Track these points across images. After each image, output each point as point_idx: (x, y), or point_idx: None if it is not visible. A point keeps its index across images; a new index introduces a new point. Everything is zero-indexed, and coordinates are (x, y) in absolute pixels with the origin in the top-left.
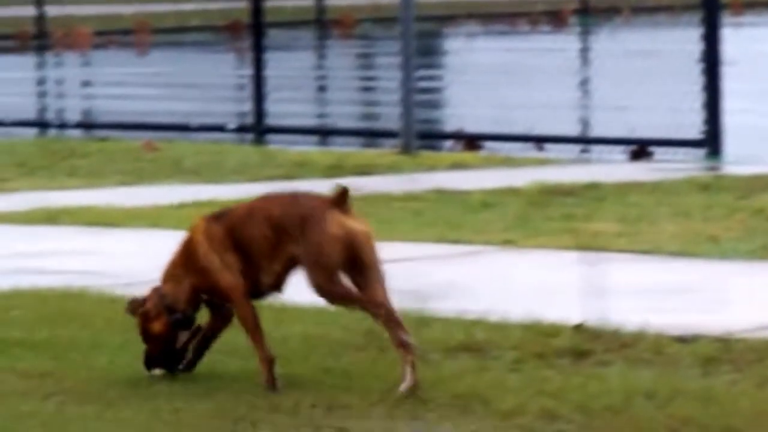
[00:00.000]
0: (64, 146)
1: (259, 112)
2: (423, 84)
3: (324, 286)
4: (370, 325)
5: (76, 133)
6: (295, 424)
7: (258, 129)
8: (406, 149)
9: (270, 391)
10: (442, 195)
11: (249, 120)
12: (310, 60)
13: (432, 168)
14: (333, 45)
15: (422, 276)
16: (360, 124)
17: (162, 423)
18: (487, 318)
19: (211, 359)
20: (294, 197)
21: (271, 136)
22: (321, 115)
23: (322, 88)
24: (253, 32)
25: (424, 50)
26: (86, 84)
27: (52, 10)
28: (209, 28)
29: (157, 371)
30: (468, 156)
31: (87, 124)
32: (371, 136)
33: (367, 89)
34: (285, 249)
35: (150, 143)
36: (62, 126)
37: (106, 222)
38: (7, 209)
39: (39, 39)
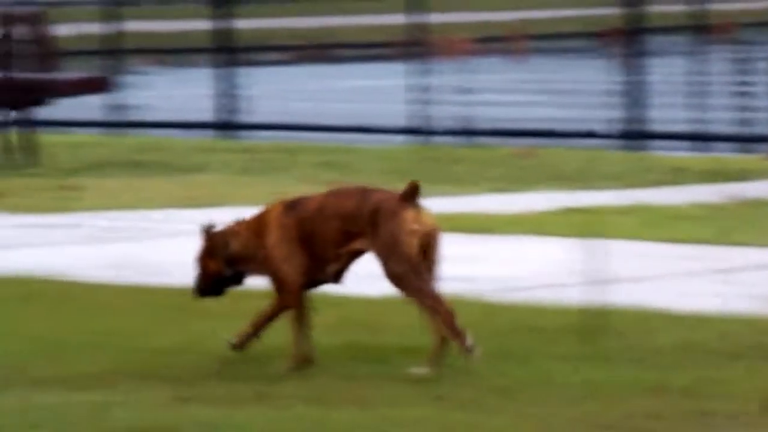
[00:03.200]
0: (437, 153)
1: (635, 118)
2: None
3: (404, 278)
4: (750, 336)
5: (449, 139)
6: (667, 429)
7: (633, 135)
8: None
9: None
10: None
11: (622, 126)
12: (686, 65)
13: None
14: (711, 50)
15: None
16: (738, 129)
17: (531, 429)
18: None
19: (579, 366)
20: (364, 192)
21: (646, 142)
22: (698, 121)
23: (698, 94)
24: (630, 38)
25: None
26: (461, 91)
27: (429, 18)
28: (585, 35)
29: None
30: None
31: (458, 131)
32: (749, 141)
33: (745, 94)
34: (352, 242)
35: (523, 149)
36: (435, 133)
37: (484, 229)
38: None
39: (414, 46)
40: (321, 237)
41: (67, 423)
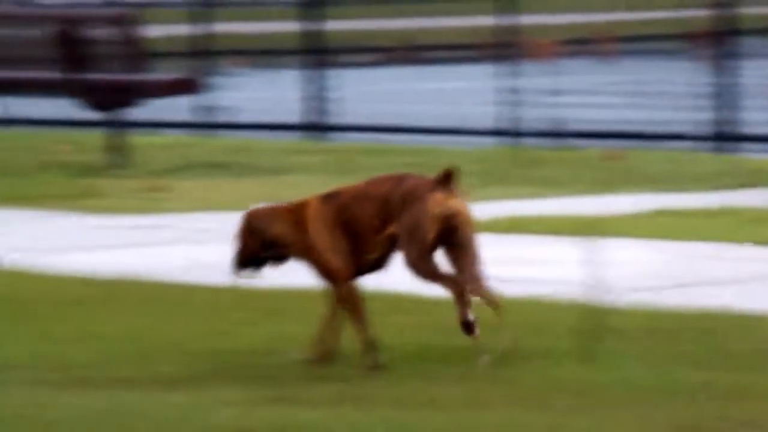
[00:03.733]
0: (525, 155)
1: (724, 120)
2: None
3: (416, 263)
4: None
5: (537, 141)
6: None
7: (722, 137)
8: None
9: (372, 373)
10: None
11: (712, 128)
12: None
13: None
14: None
15: None
16: None
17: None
18: None
19: (668, 370)
20: (400, 178)
21: (735, 144)
22: None
23: None
24: (720, 40)
25: None
26: (550, 93)
27: (518, 20)
28: (674, 36)
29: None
30: None
31: (547, 133)
32: None
33: None
34: (388, 228)
35: (612, 152)
36: (523, 135)
37: (572, 231)
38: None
39: (503, 48)
40: (359, 223)
41: (162, 423)
